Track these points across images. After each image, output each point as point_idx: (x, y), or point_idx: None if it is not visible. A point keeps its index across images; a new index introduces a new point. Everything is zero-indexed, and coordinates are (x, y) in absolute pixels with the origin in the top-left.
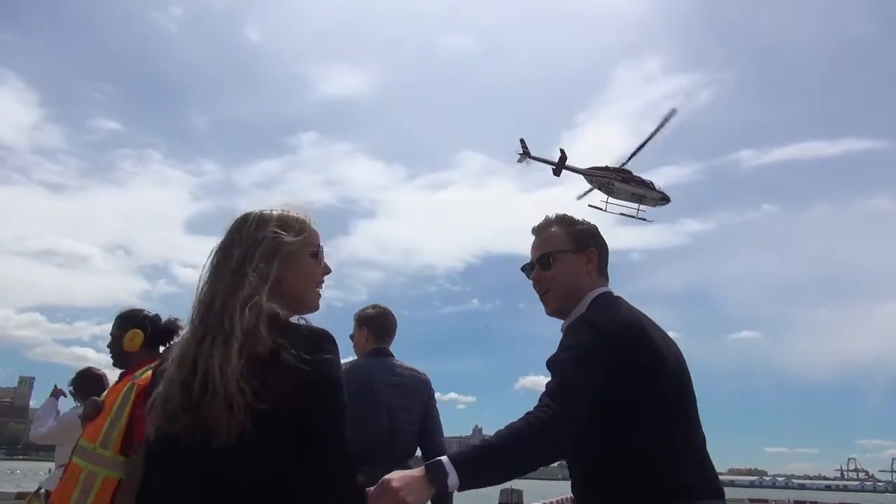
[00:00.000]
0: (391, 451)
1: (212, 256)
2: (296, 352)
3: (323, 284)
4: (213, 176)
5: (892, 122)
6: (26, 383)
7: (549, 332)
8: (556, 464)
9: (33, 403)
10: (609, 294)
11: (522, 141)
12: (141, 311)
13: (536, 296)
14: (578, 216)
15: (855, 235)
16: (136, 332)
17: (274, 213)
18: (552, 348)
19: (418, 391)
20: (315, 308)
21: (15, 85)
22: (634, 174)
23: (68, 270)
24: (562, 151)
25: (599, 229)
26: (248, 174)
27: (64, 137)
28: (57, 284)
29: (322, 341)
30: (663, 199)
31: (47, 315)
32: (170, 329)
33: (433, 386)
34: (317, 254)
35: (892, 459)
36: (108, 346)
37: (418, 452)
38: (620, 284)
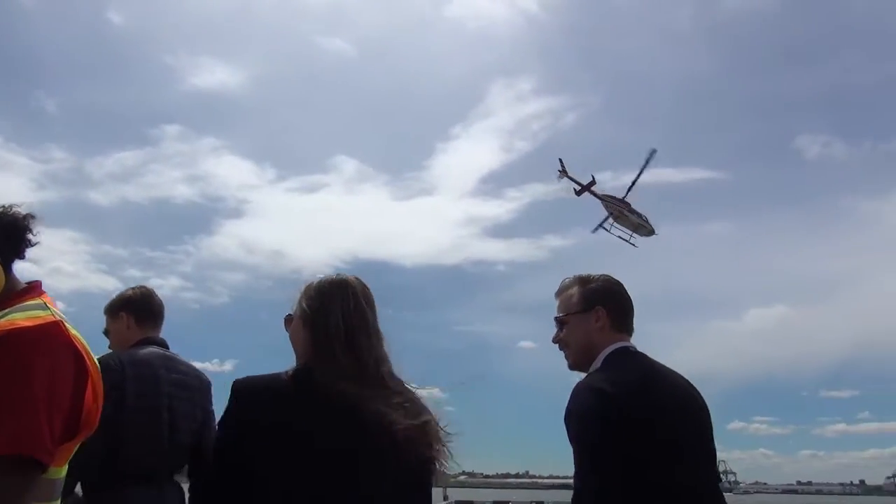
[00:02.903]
0: (167, 467)
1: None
2: None
3: None
4: (62, 164)
5: (728, 155)
6: None
7: (418, 340)
8: None
9: None
10: (619, 351)
11: (561, 160)
12: None
13: (403, 303)
14: (596, 274)
15: (696, 257)
16: None
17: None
18: (420, 356)
19: (202, 394)
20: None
21: None
22: (633, 207)
23: None
24: (592, 177)
25: (617, 284)
26: (103, 165)
27: None
28: None
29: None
30: (651, 231)
31: None
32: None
33: None
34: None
35: (719, 462)
36: None
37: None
38: (486, 294)
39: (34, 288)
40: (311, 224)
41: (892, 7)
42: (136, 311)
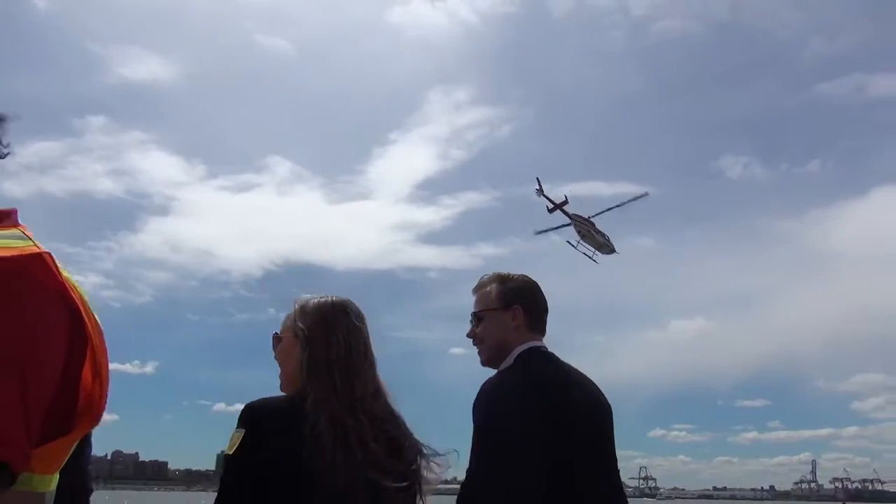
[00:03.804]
0: None
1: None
2: None
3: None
4: None
5: (654, 171)
6: None
7: None
8: None
9: None
10: (532, 350)
11: (538, 179)
12: None
13: None
14: (515, 273)
15: (625, 268)
16: None
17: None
18: None
19: None
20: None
21: None
22: (596, 227)
23: None
24: (565, 197)
25: (534, 285)
26: (19, 154)
27: None
28: None
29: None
30: (612, 250)
31: None
32: None
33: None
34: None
35: (640, 468)
36: None
37: None
38: (418, 300)
39: (7, 215)
40: (241, 224)
41: (810, 38)
42: None
